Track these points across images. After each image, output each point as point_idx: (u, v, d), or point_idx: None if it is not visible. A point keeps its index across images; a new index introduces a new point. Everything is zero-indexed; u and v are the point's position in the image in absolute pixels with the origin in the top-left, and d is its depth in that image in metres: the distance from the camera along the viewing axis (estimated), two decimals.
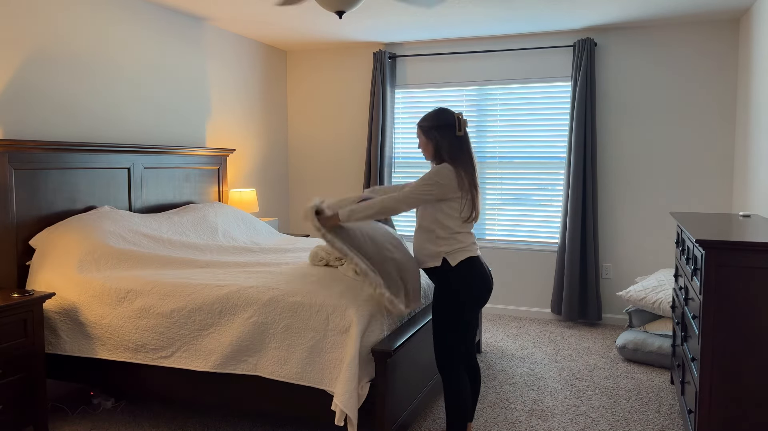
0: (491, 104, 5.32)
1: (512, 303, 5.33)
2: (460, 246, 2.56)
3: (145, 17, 4.15)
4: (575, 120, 4.83)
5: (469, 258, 2.57)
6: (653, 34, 4.80)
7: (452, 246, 2.56)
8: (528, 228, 5.29)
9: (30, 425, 2.86)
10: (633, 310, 4.21)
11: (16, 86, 3.28)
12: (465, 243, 2.58)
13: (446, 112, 2.60)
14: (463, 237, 2.58)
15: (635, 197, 4.94)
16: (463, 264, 2.55)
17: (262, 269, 3.30)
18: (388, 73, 5.42)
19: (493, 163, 5.34)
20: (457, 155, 2.55)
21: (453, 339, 2.57)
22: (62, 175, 3.45)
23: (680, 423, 3.14)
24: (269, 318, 2.73)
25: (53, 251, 3.18)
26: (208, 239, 3.92)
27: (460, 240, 2.57)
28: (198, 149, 4.50)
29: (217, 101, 4.96)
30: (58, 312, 3.06)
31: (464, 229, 2.58)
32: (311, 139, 5.96)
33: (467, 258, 2.56)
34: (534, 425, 3.10)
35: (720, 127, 4.68)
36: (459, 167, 2.53)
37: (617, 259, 5.02)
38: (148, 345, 2.90)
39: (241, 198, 4.81)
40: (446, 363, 2.59)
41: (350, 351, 2.56)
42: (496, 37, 5.21)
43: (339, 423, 2.51)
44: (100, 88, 3.81)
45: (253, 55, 5.42)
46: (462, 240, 2.57)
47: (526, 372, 3.87)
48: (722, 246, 2.36)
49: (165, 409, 3.29)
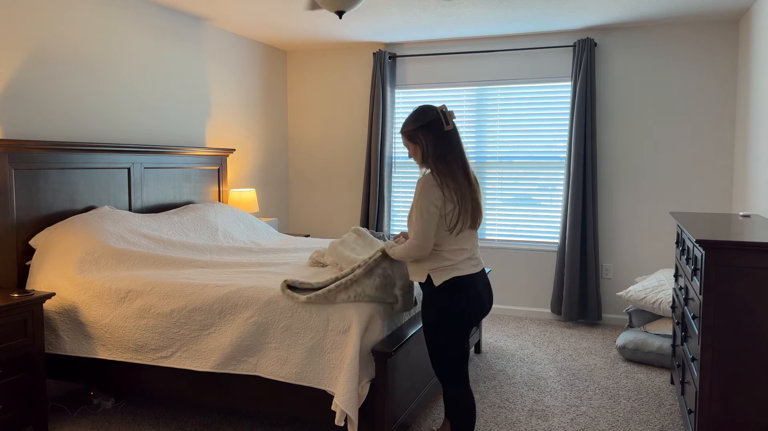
0: (491, 104, 5.32)
1: (512, 303, 5.33)
2: (447, 264, 2.34)
3: (145, 17, 4.15)
4: (575, 120, 4.83)
5: (454, 279, 2.33)
6: (653, 34, 4.80)
7: (437, 264, 2.34)
8: (528, 228, 5.29)
9: (30, 425, 2.86)
10: (633, 310, 4.21)
11: (16, 86, 3.28)
12: (454, 260, 2.34)
13: (427, 109, 2.38)
14: (452, 254, 2.34)
15: (635, 197, 4.94)
16: (448, 286, 2.33)
17: (262, 269, 3.30)
18: (388, 73, 5.42)
19: (493, 163, 5.34)
20: (443, 155, 2.32)
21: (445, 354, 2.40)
22: (62, 175, 3.45)
23: (680, 423, 3.14)
24: (269, 318, 2.73)
25: (53, 251, 3.18)
26: (208, 239, 3.92)
27: (447, 257, 2.33)
28: (198, 149, 4.50)
29: (217, 101, 4.96)
30: (58, 312, 3.06)
31: (455, 245, 2.34)
32: (311, 139, 5.96)
33: (453, 278, 2.33)
34: (534, 425, 3.10)
35: (720, 127, 4.68)
36: (445, 174, 2.31)
37: (617, 259, 5.02)
38: (148, 345, 2.90)
39: (241, 198, 4.81)
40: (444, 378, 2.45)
41: (350, 352, 2.55)
42: (496, 37, 5.21)
43: (339, 423, 2.51)
44: (101, 87, 3.81)
45: (253, 55, 5.42)
46: (450, 257, 2.33)
47: (526, 372, 3.87)
48: (722, 246, 2.36)
49: (165, 409, 3.29)
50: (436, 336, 2.40)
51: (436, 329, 2.39)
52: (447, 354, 2.40)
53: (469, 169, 2.39)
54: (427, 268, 2.38)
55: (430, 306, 2.40)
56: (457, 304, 2.34)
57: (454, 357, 2.41)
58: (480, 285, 2.41)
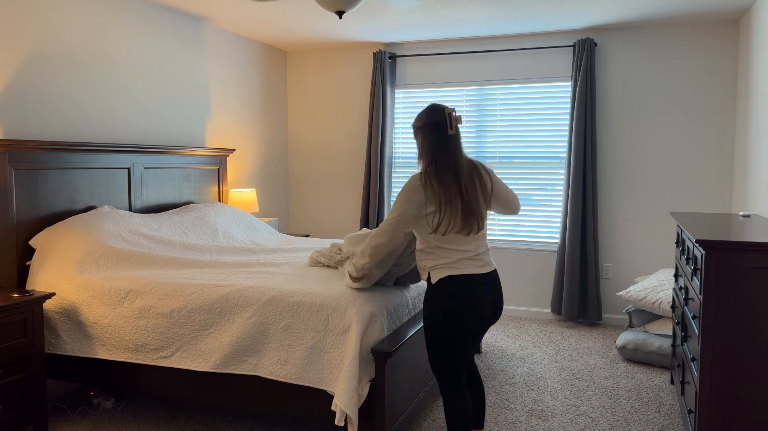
0: (491, 104, 5.32)
1: (512, 303, 5.33)
2: (444, 262, 2.31)
3: (145, 17, 4.15)
4: (575, 120, 4.83)
5: (450, 277, 2.29)
6: (653, 34, 4.80)
7: (435, 262, 2.33)
8: (528, 228, 5.29)
9: (30, 425, 2.86)
10: (633, 310, 4.21)
11: (16, 86, 3.28)
12: (450, 258, 2.30)
13: (436, 108, 2.35)
14: (448, 253, 2.31)
15: (635, 197, 4.94)
16: (444, 283, 2.30)
17: (262, 269, 3.31)
18: (388, 73, 5.42)
19: (493, 163, 5.34)
20: (436, 158, 2.30)
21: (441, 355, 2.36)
22: (62, 175, 3.45)
23: (680, 423, 3.14)
24: (269, 318, 2.73)
25: (53, 251, 3.18)
26: (208, 239, 3.92)
27: (443, 256, 2.31)
28: (198, 149, 4.50)
29: (217, 101, 4.96)
30: (58, 312, 3.06)
31: (450, 245, 2.31)
32: (311, 139, 5.96)
33: (448, 276, 2.29)
34: (534, 425, 3.10)
35: (720, 126, 4.68)
36: (432, 177, 2.28)
37: (617, 259, 5.02)
38: (148, 345, 2.90)
39: (241, 198, 4.81)
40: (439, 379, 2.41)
41: (350, 352, 2.56)
42: (496, 37, 5.21)
43: (339, 423, 2.51)
44: (100, 88, 3.81)
45: (253, 55, 5.42)
46: (446, 255, 2.31)
47: (526, 372, 3.87)
48: (722, 246, 2.36)
49: (165, 409, 3.29)
50: (431, 334, 2.37)
51: (431, 326, 2.36)
52: (440, 353, 2.36)
53: (462, 176, 2.31)
54: (427, 267, 2.38)
55: (426, 303, 2.39)
56: (450, 301, 2.29)
57: (447, 358, 2.35)
58: (482, 286, 2.33)
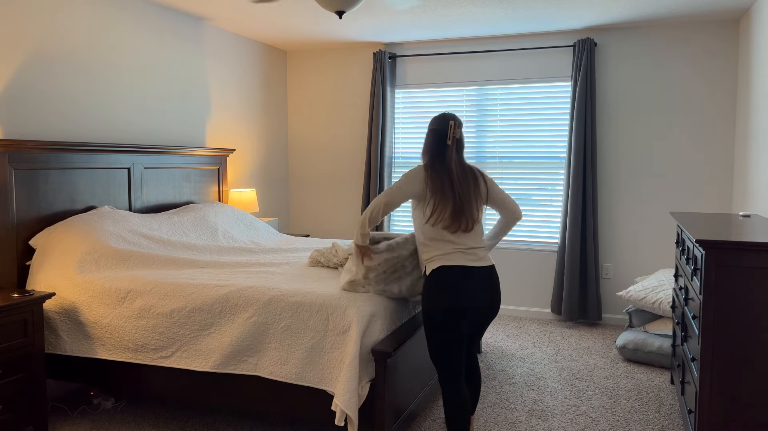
0: (491, 104, 5.32)
1: (512, 303, 5.33)
2: (437, 253, 2.46)
3: (145, 17, 4.15)
4: (575, 120, 4.83)
5: (442, 268, 2.43)
6: (653, 34, 4.80)
7: (430, 254, 2.49)
8: (528, 228, 5.28)
9: (30, 425, 2.86)
10: (633, 310, 4.21)
11: (16, 86, 3.28)
12: (444, 250, 2.45)
13: (446, 117, 2.56)
14: (442, 245, 2.46)
15: (635, 197, 4.94)
16: (436, 273, 2.44)
17: (262, 269, 3.31)
18: (388, 73, 5.42)
19: (493, 163, 5.34)
20: (434, 163, 2.52)
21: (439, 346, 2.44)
22: (62, 175, 3.45)
23: (680, 423, 3.14)
24: (269, 318, 2.73)
25: (53, 251, 3.18)
26: (208, 239, 3.92)
27: (437, 248, 2.47)
28: (198, 149, 4.50)
29: (217, 101, 4.96)
30: (58, 312, 3.06)
31: (444, 237, 2.46)
32: (311, 139, 5.96)
33: (440, 267, 2.44)
34: (534, 425, 3.10)
35: (720, 126, 4.68)
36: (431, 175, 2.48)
37: (617, 259, 5.02)
38: (148, 345, 2.90)
39: (241, 198, 4.81)
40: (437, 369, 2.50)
41: (350, 352, 2.56)
42: (496, 37, 5.21)
43: (339, 423, 2.51)
44: (100, 88, 3.81)
45: (253, 55, 5.42)
46: (439, 247, 2.46)
47: (526, 372, 3.87)
48: (722, 246, 2.36)
49: (165, 409, 3.29)
50: (428, 323, 2.48)
51: (424, 316, 2.48)
52: (436, 342, 2.45)
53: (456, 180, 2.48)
54: (424, 260, 2.54)
55: (423, 293, 2.51)
56: (443, 286, 2.41)
57: (444, 348, 2.43)
58: (475, 276, 2.43)
